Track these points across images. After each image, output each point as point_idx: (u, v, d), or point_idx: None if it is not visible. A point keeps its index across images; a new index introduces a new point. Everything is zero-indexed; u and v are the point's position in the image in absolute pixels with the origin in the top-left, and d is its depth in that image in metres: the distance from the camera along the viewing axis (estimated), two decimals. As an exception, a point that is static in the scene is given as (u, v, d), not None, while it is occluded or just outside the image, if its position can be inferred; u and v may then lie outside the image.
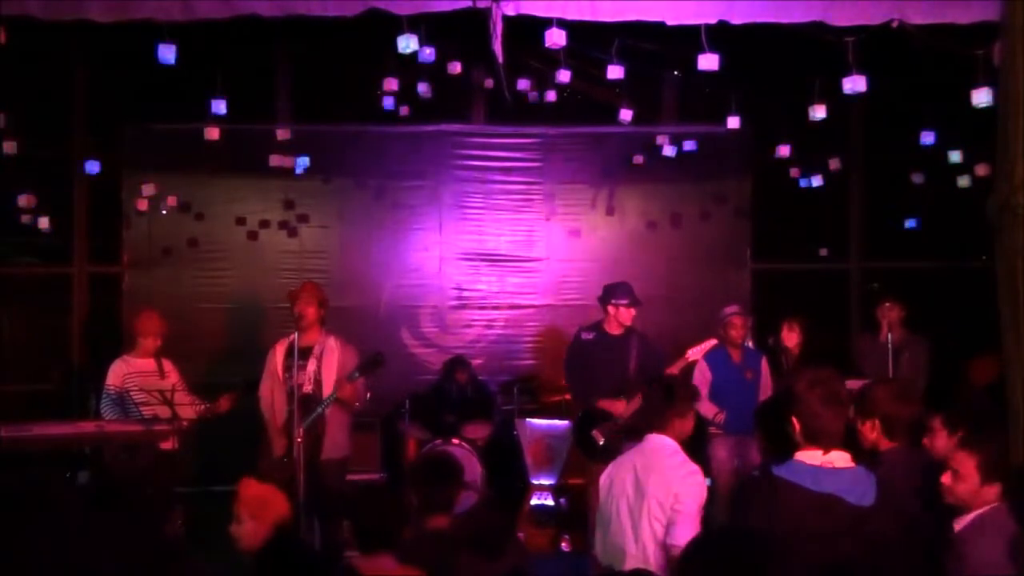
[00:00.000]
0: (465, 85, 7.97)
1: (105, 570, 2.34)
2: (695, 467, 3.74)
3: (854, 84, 5.03)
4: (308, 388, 5.57)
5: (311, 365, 5.65)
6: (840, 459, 2.98)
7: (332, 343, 5.74)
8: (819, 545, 2.80)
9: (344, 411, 5.76)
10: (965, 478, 3.19)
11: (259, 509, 3.49)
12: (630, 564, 3.67)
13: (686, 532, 3.53)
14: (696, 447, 6.23)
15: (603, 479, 3.97)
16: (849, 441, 3.15)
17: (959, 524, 2.96)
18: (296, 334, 5.47)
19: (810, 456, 2.96)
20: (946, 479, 3.26)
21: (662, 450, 3.77)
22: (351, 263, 8.50)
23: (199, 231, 8.38)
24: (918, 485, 3.33)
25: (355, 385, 5.53)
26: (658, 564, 3.60)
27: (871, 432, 3.54)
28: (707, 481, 3.80)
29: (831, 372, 2.99)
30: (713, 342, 6.05)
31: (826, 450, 2.93)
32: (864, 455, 3.19)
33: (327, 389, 5.59)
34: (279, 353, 5.78)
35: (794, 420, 2.98)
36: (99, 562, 2.33)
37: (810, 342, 6.54)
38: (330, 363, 5.66)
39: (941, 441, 3.67)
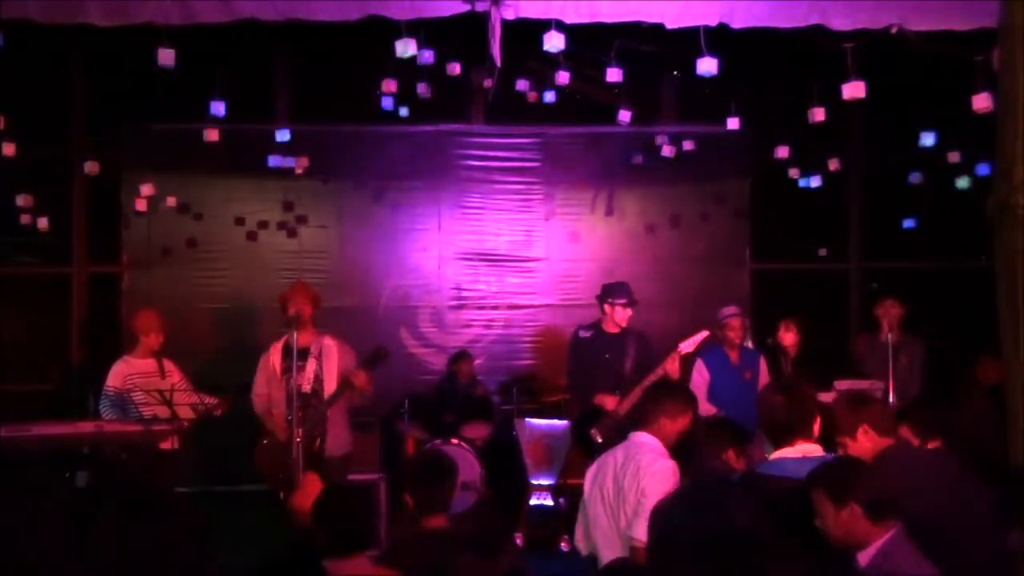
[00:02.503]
0: (464, 85, 7.97)
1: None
2: (667, 464, 3.75)
3: (853, 90, 5.03)
4: (308, 387, 5.60)
5: (311, 365, 5.67)
6: (814, 450, 3.00)
7: (329, 342, 5.77)
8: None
9: (343, 408, 5.78)
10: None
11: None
12: (610, 554, 3.78)
13: (645, 526, 3.59)
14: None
15: (589, 472, 4.06)
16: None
17: (864, 558, 2.90)
18: (294, 334, 5.48)
19: (787, 452, 2.98)
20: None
21: (640, 447, 3.85)
22: (350, 263, 8.51)
23: (198, 231, 8.39)
24: None
25: (367, 373, 5.58)
26: None
27: None
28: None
29: (792, 373, 3.09)
30: (705, 334, 6.06)
31: (791, 444, 2.95)
32: None
33: (329, 388, 5.64)
34: (275, 355, 5.81)
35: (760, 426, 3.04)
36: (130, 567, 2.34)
37: (809, 342, 6.56)
38: (330, 361, 5.70)
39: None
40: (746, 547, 2.38)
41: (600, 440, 5.87)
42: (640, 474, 3.72)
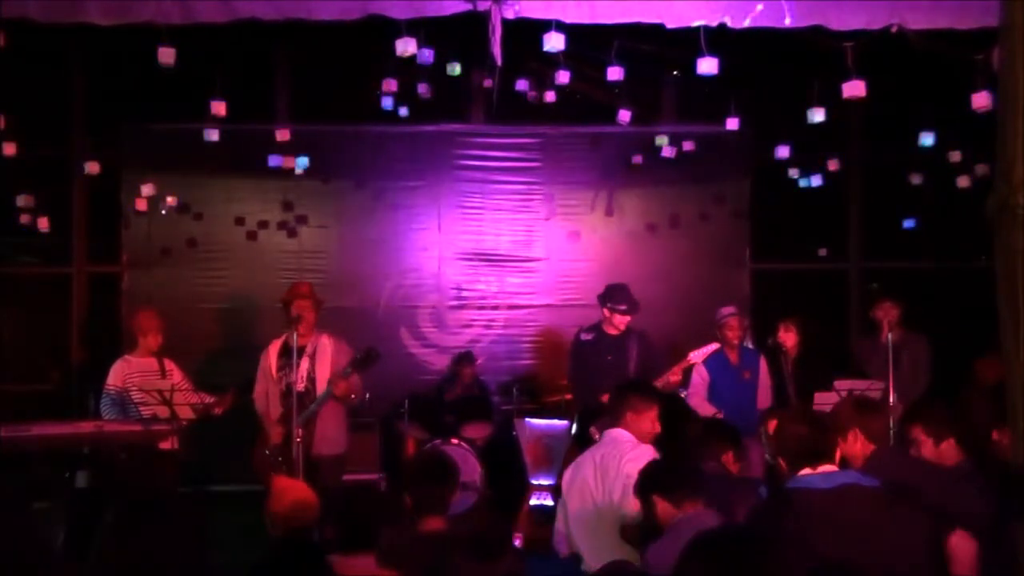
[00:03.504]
0: (465, 85, 7.97)
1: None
2: (645, 448, 4.00)
3: (853, 89, 5.03)
4: (301, 386, 5.61)
5: (304, 363, 5.69)
6: (832, 468, 3.09)
7: (324, 341, 5.79)
8: (847, 529, 2.88)
9: (338, 407, 5.80)
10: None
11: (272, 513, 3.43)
12: (599, 546, 3.88)
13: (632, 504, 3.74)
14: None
15: (567, 472, 4.24)
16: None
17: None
18: (293, 334, 5.49)
19: (810, 471, 3.05)
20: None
21: (618, 438, 4.08)
22: (350, 263, 8.51)
23: (198, 231, 8.38)
24: None
25: (349, 381, 5.59)
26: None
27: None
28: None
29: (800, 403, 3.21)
30: (716, 346, 6.05)
31: (814, 467, 3.04)
32: None
33: (321, 386, 5.67)
34: (272, 353, 5.86)
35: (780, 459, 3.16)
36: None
37: (809, 342, 6.55)
38: (323, 360, 5.72)
39: (928, 451, 3.73)
40: (745, 546, 2.37)
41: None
42: (622, 462, 3.92)
